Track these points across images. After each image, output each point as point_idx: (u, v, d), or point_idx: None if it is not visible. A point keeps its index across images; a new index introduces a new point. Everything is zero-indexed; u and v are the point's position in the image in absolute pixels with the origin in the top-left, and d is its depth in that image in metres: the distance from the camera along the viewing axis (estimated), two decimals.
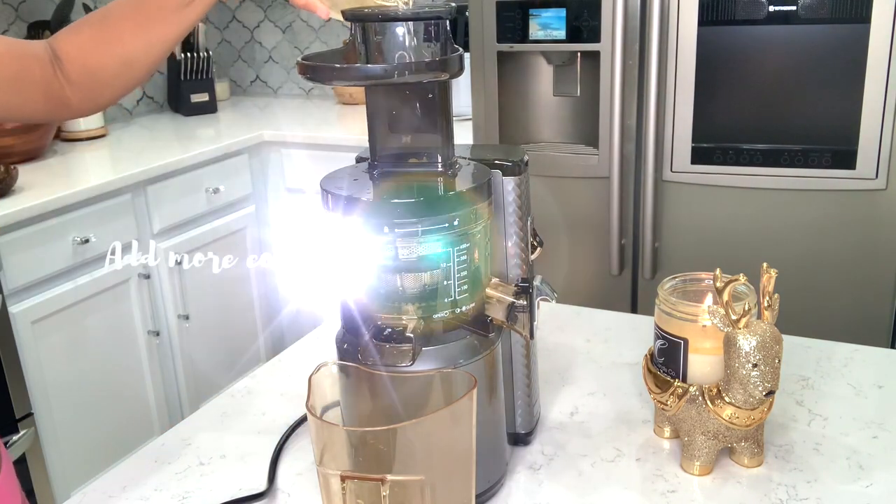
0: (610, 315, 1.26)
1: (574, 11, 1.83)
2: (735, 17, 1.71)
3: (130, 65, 0.89)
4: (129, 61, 0.89)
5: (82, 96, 0.90)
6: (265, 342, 2.80)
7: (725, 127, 1.80)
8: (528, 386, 0.91)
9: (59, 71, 0.88)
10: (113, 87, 0.91)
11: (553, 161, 1.96)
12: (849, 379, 1.04)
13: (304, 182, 2.65)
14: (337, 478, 0.64)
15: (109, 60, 0.88)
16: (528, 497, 0.85)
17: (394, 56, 0.77)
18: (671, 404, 0.86)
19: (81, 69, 0.88)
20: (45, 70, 0.87)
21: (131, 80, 0.91)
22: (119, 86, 0.91)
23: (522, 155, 0.86)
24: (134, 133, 2.77)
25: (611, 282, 1.96)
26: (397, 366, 0.77)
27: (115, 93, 0.92)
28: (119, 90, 0.92)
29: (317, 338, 1.23)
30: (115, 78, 0.90)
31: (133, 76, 0.91)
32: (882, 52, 1.62)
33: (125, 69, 0.89)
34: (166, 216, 2.34)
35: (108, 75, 0.89)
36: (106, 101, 0.93)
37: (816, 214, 1.76)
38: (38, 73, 0.87)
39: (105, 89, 0.91)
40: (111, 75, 0.89)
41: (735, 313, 0.80)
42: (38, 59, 0.87)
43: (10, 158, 2.22)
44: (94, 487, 0.90)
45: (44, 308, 1.99)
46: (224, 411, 1.04)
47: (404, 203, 0.75)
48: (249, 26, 3.36)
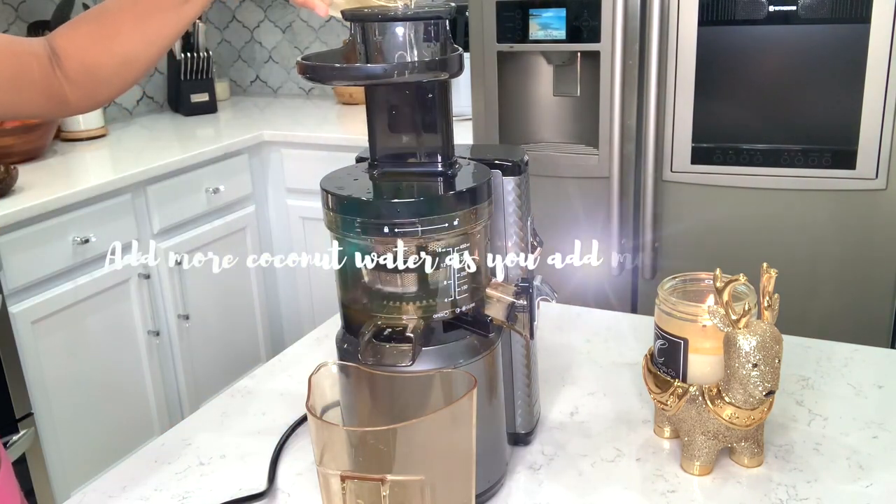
0: (610, 315, 1.26)
1: (574, 11, 1.83)
2: (735, 17, 1.71)
3: (129, 62, 0.89)
4: (128, 58, 0.88)
5: (81, 93, 0.90)
6: (265, 342, 2.80)
7: (725, 127, 1.80)
8: (528, 386, 0.91)
9: (57, 69, 0.87)
10: (112, 84, 0.91)
11: (553, 161, 1.96)
12: (849, 379, 1.04)
13: (304, 182, 2.65)
14: (337, 478, 0.64)
15: (108, 58, 0.88)
16: (528, 497, 0.85)
17: (394, 56, 0.77)
18: (671, 404, 0.86)
19: (80, 67, 0.88)
20: (44, 68, 0.87)
21: (130, 77, 0.91)
22: (118, 83, 0.91)
23: (522, 155, 0.86)
24: (134, 133, 2.77)
25: (611, 282, 1.96)
26: (397, 366, 0.77)
27: (114, 90, 0.92)
28: (118, 87, 0.91)
29: (317, 338, 1.23)
30: (113, 75, 0.90)
31: (132, 73, 0.90)
32: (882, 52, 1.62)
33: (124, 66, 0.89)
34: (166, 216, 2.34)
35: (107, 73, 0.89)
36: (105, 98, 0.92)
37: (816, 214, 1.76)
38: (36, 71, 0.86)
39: (104, 86, 0.90)
40: (110, 73, 0.89)
41: (735, 313, 0.80)
42: (37, 56, 0.87)
43: (10, 158, 2.22)
44: (94, 487, 0.90)
45: (44, 308, 1.99)
46: (224, 411, 1.04)
47: (404, 203, 0.75)
48: (249, 26, 3.37)
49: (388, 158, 0.84)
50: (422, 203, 0.76)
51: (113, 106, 2.99)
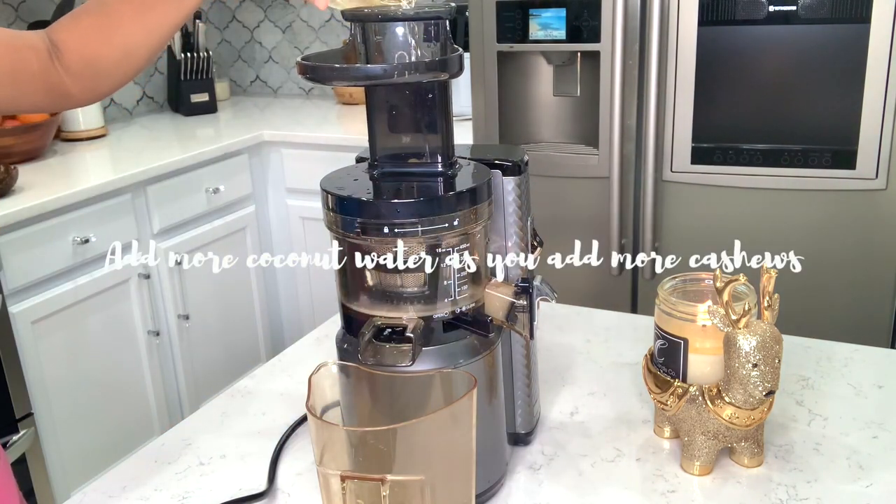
0: (610, 315, 1.26)
1: (574, 11, 1.83)
2: (735, 17, 1.71)
3: (130, 53, 0.88)
4: (129, 50, 0.88)
5: (82, 86, 0.89)
6: (265, 342, 2.80)
7: (725, 127, 1.80)
8: (528, 386, 0.91)
9: (57, 62, 0.87)
10: (113, 75, 0.90)
11: (553, 161, 1.96)
12: (849, 379, 1.04)
13: (304, 182, 2.65)
14: (337, 478, 0.64)
15: (109, 49, 0.87)
16: (528, 497, 0.85)
17: (394, 56, 0.77)
18: (671, 404, 0.86)
19: (80, 59, 0.87)
20: (44, 61, 0.86)
21: (131, 69, 0.90)
22: (119, 74, 0.90)
23: (522, 155, 0.86)
24: (134, 133, 2.76)
25: (611, 282, 1.96)
26: (397, 366, 0.77)
27: (115, 82, 0.91)
28: (119, 79, 0.91)
29: (317, 338, 1.23)
30: (115, 66, 0.89)
31: (133, 64, 0.90)
32: (882, 52, 1.62)
33: (125, 58, 0.88)
34: (166, 216, 2.34)
35: (108, 64, 0.88)
36: (106, 90, 0.92)
37: (816, 214, 1.76)
38: (35, 64, 0.86)
39: (105, 78, 0.90)
40: (111, 64, 0.88)
41: (735, 313, 0.80)
42: (36, 50, 0.86)
43: (10, 158, 2.22)
44: (94, 487, 0.90)
45: (44, 308, 1.99)
46: (224, 411, 1.04)
47: (404, 203, 0.75)
48: (249, 26, 3.36)
49: (388, 158, 0.84)
50: (422, 203, 0.76)
51: (113, 106, 2.99)
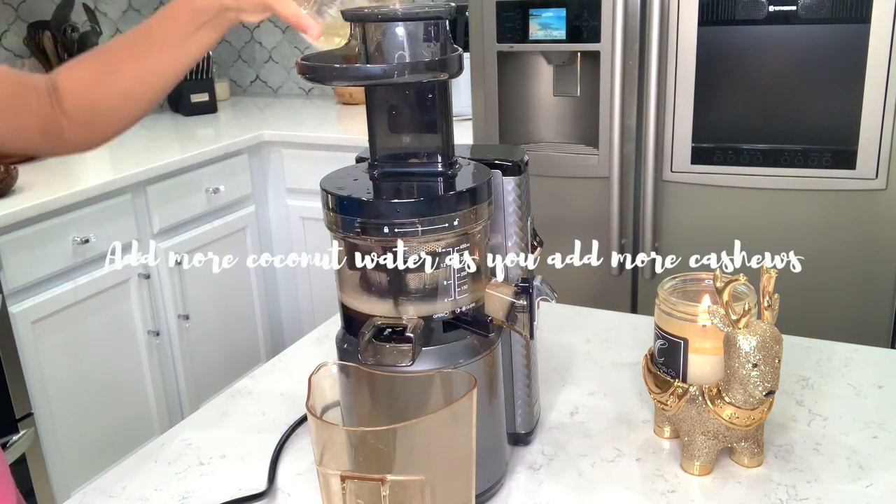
0: (610, 315, 1.26)
1: (574, 11, 1.83)
2: (735, 17, 1.71)
3: (127, 98, 0.88)
4: (126, 94, 0.88)
5: (80, 130, 0.89)
6: (265, 342, 2.80)
7: (725, 127, 1.80)
8: (528, 386, 0.91)
9: (56, 104, 0.87)
10: (110, 121, 0.90)
11: (553, 161, 1.96)
12: (849, 379, 1.04)
13: (304, 182, 2.65)
14: (337, 478, 0.64)
15: (107, 93, 0.88)
16: (528, 497, 0.85)
17: (394, 56, 0.77)
18: (671, 404, 0.86)
19: (78, 102, 0.88)
20: (42, 101, 0.87)
21: (128, 115, 0.90)
22: (116, 120, 0.90)
23: (522, 155, 0.86)
24: (134, 133, 2.74)
25: (611, 282, 1.96)
26: (397, 366, 0.77)
27: (112, 128, 0.91)
28: (116, 125, 0.91)
29: (317, 338, 1.23)
30: (112, 111, 0.89)
31: (131, 110, 0.90)
32: (882, 52, 1.62)
33: (122, 103, 0.89)
34: (166, 216, 2.34)
35: (106, 108, 0.89)
36: (102, 137, 0.92)
37: (816, 214, 1.76)
38: (34, 102, 0.86)
39: (102, 123, 0.90)
40: (109, 108, 0.89)
41: (735, 313, 0.80)
42: (36, 89, 0.87)
43: (10, 158, 2.22)
44: (94, 487, 0.90)
45: (44, 308, 1.99)
46: (224, 411, 1.04)
47: (404, 203, 0.75)
48: (249, 26, 3.36)
49: (388, 158, 0.84)
50: (422, 203, 0.76)
51: None
